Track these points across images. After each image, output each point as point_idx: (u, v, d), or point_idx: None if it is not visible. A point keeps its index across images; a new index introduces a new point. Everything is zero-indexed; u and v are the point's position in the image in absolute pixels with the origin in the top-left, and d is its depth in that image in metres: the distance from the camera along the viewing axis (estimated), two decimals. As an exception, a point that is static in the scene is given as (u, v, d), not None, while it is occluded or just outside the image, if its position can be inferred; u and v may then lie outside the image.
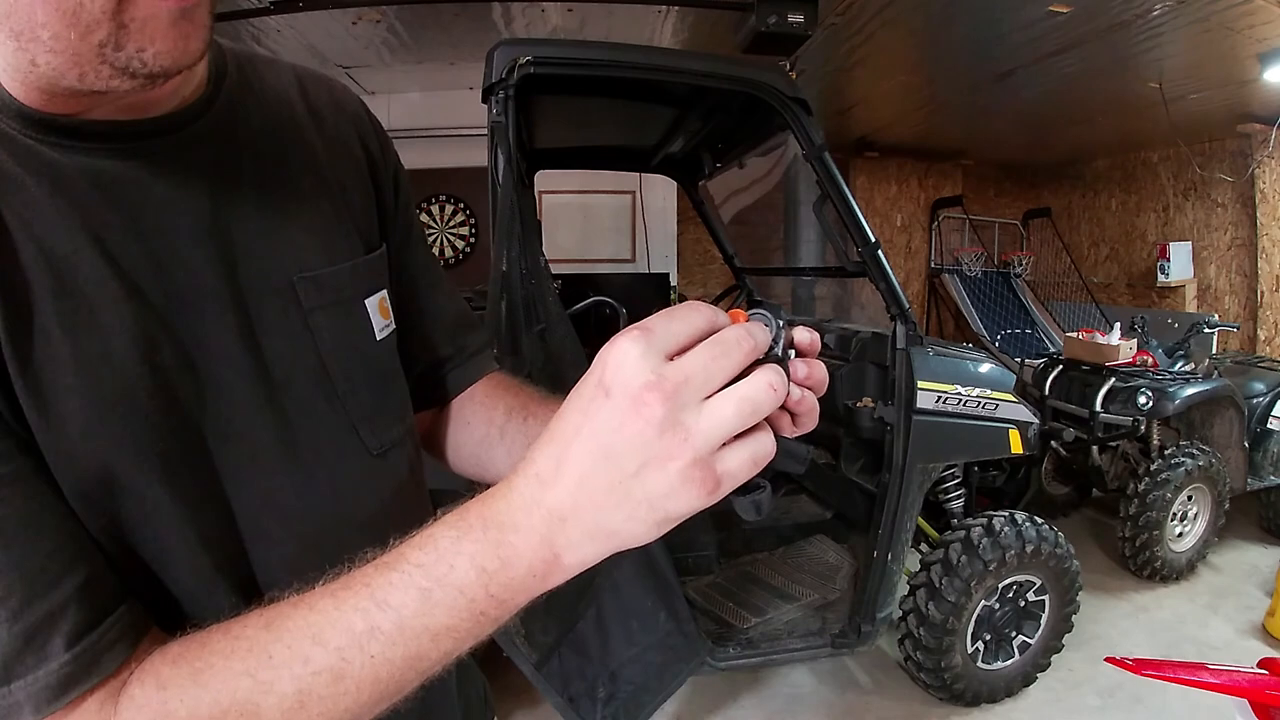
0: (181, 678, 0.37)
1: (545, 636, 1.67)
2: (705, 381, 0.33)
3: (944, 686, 2.19)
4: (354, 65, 4.10)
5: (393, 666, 0.36)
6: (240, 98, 0.52)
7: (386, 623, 0.36)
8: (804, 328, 0.39)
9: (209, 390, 0.46)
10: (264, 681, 0.36)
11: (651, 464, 0.33)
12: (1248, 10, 2.98)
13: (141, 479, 0.42)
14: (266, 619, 0.38)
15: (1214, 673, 1.21)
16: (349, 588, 0.37)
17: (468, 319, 0.72)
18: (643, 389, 0.32)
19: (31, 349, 0.39)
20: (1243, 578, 3.08)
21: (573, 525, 0.35)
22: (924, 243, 6.83)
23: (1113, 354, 3.24)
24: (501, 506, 0.36)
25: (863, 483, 2.32)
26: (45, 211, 0.41)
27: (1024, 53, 3.64)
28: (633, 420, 0.33)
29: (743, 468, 0.34)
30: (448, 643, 0.37)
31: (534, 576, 0.36)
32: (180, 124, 0.47)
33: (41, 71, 0.38)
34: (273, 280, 0.50)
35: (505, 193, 1.63)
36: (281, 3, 2.97)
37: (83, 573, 0.38)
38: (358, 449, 0.55)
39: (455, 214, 5.09)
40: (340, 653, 0.36)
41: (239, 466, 0.47)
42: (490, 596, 0.36)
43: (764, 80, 1.80)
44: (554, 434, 0.36)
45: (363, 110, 0.62)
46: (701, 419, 0.33)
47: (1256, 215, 4.89)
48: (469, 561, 0.36)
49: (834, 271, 2.56)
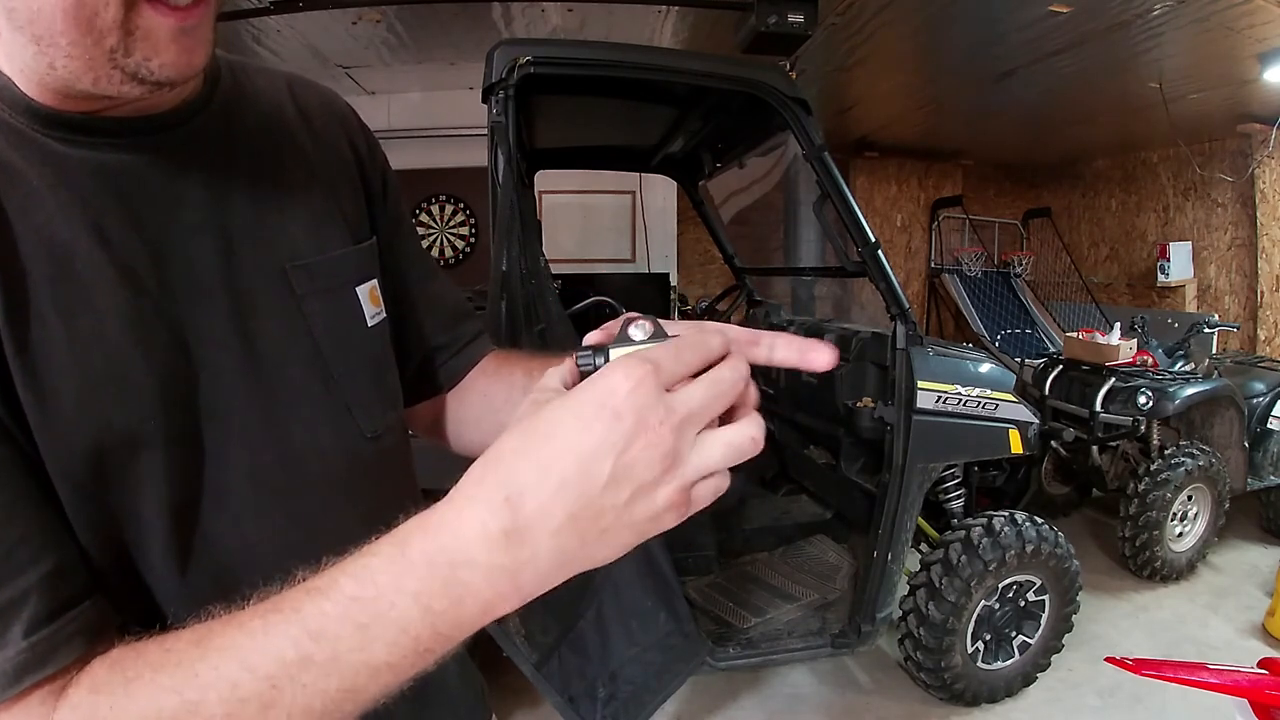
0: (114, 684, 0.37)
1: (545, 636, 1.67)
2: (704, 418, 0.35)
3: (944, 686, 2.19)
4: (354, 65, 4.10)
5: (327, 698, 0.35)
6: (234, 98, 0.54)
7: (320, 654, 0.34)
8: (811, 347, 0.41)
9: (203, 373, 0.48)
10: (190, 701, 0.34)
11: (644, 490, 0.33)
12: (1248, 10, 2.98)
13: (129, 457, 0.44)
14: (197, 635, 0.37)
15: (1214, 673, 1.21)
16: (279, 611, 0.35)
17: (463, 308, 0.73)
18: (659, 420, 0.33)
19: (28, 332, 0.41)
20: (1243, 578, 3.08)
21: (546, 555, 0.33)
22: (924, 243, 6.83)
23: (1113, 354, 3.24)
24: (450, 539, 0.34)
25: (863, 483, 2.32)
26: (46, 202, 0.43)
27: (1024, 53, 3.64)
28: (644, 448, 0.33)
29: (709, 497, 0.36)
30: (387, 676, 0.35)
31: (487, 611, 0.35)
32: (178, 121, 0.49)
33: (59, 75, 0.40)
34: (266, 268, 0.52)
35: (505, 193, 1.63)
36: (281, 3, 2.97)
37: (49, 563, 0.39)
38: (352, 432, 0.56)
39: (455, 214, 5.09)
40: (270, 680, 0.34)
41: (229, 446, 0.48)
42: (437, 634, 0.34)
43: (764, 80, 1.80)
44: (528, 451, 0.34)
45: (350, 112, 0.65)
46: (695, 454, 0.34)
47: (1256, 215, 4.89)
48: (412, 600, 0.34)
49: (834, 271, 2.57)
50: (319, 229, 0.56)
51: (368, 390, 0.57)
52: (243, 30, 3.32)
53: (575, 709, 1.68)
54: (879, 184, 6.63)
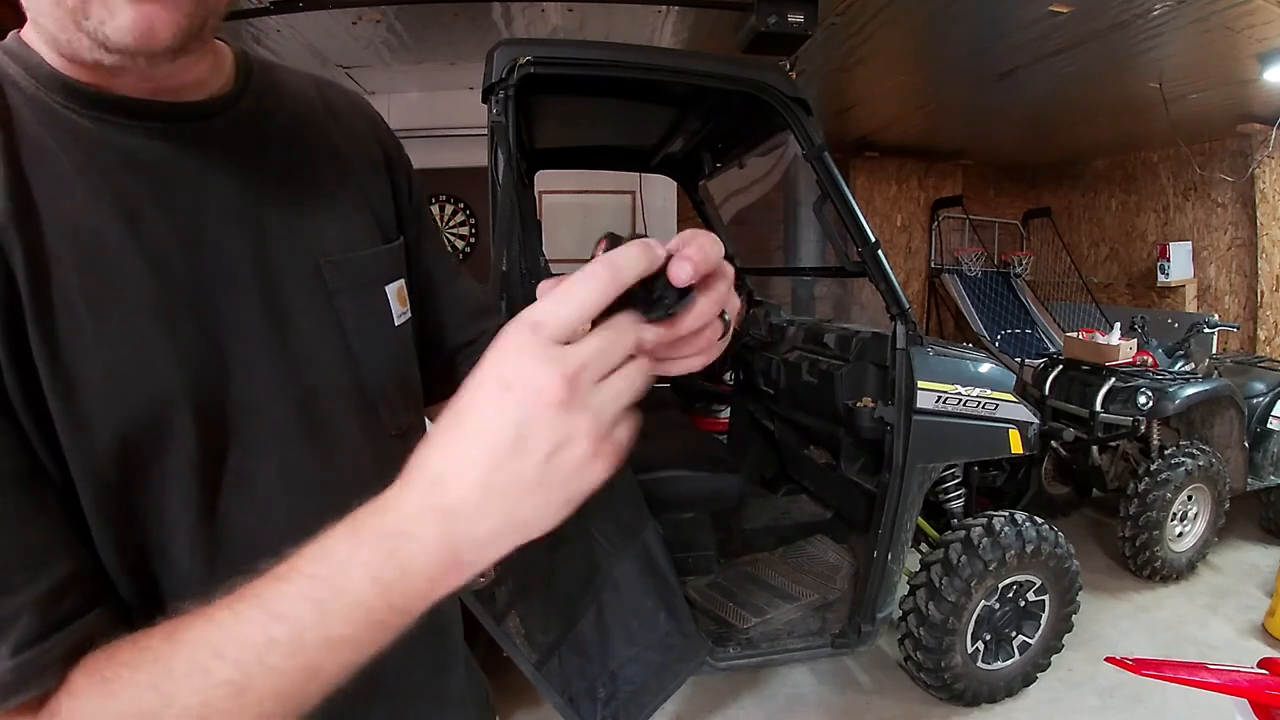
0: (92, 687, 0.37)
1: (545, 636, 1.68)
2: (601, 367, 0.35)
3: (944, 686, 2.19)
4: (354, 65, 4.09)
5: (293, 678, 0.36)
6: (265, 94, 0.55)
7: (283, 634, 0.35)
8: (683, 259, 0.36)
9: (233, 364, 0.47)
10: (166, 693, 0.35)
11: (562, 447, 0.34)
12: (1248, 10, 2.98)
13: (157, 450, 0.43)
14: (170, 630, 0.37)
15: (1214, 673, 1.21)
16: (244, 600, 0.36)
17: (486, 305, 0.74)
18: (547, 379, 0.33)
19: (54, 319, 0.40)
20: (1243, 578, 3.08)
21: (477, 524, 0.35)
22: (924, 243, 6.83)
23: (1113, 354, 3.24)
24: (394, 517, 0.36)
25: (863, 483, 2.32)
26: (76, 186, 0.43)
27: (1024, 53, 3.63)
28: (540, 408, 0.33)
29: (626, 438, 0.36)
30: (347, 653, 0.37)
31: (434, 582, 0.36)
32: (212, 112, 0.50)
33: (45, 33, 0.41)
34: (300, 261, 0.52)
35: (505, 193, 1.63)
36: (281, 3, 2.97)
37: (47, 581, 0.38)
38: (378, 429, 0.56)
39: (455, 214, 5.09)
40: (239, 665, 0.35)
41: (261, 439, 0.48)
42: (390, 606, 0.36)
43: (764, 80, 1.80)
44: (449, 435, 0.35)
45: (376, 114, 0.66)
46: (599, 400, 0.35)
47: (1256, 215, 4.89)
48: (364, 572, 0.35)
49: (834, 271, 2.57)
50: (350, 226, 0.56)
51: (393, 388, 0.58)
52: (243, 30, 3.31)
53: (575, 709, 1.68)
54: (879, 184, 6.63)
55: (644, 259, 0.35)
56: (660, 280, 0.36)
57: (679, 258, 0.36)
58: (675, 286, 0.36)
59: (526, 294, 1.65)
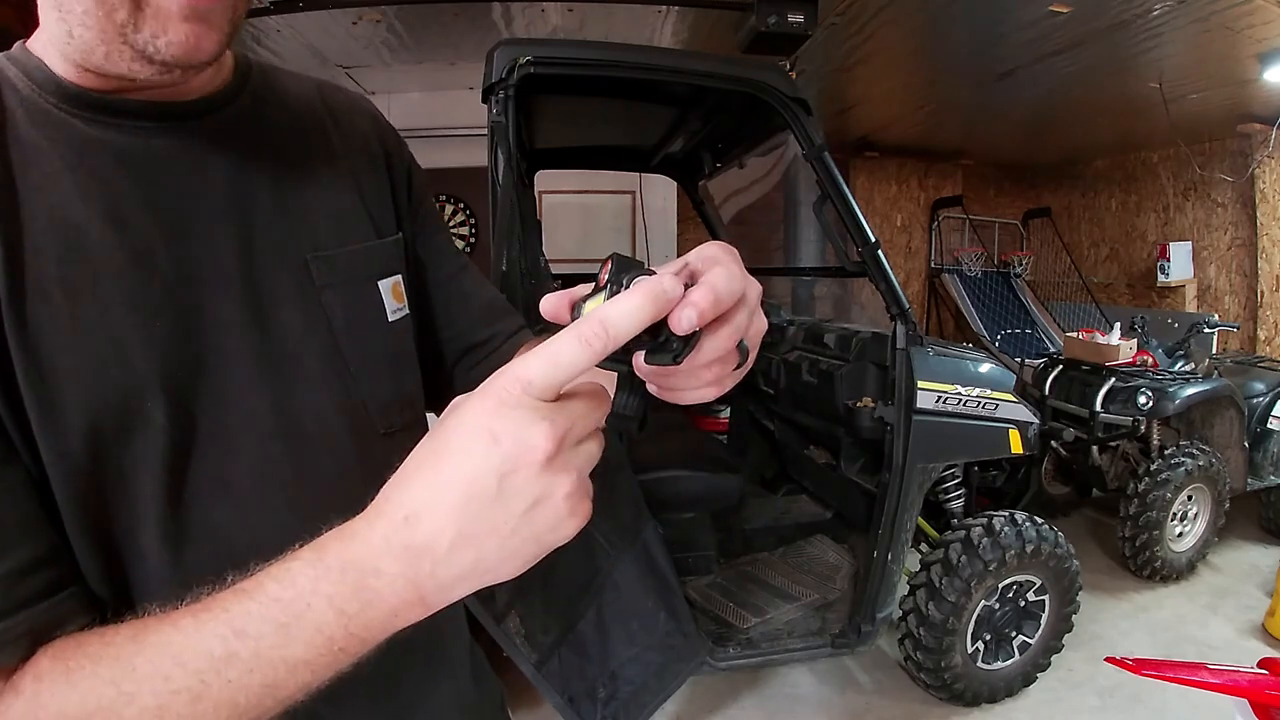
0: (56, 674, 0.38)
1: (545, 636, 1.68)
2: (583, 429, 0.36)
3: (944, 686, 2.19)
4: (354, 65, 4.10)
5: (250, 693, 0.37)
6: (263, 93, 0.56)
7: (244, 651, 0.36)
8: (689, 305, 0.33)
9: (210, 357, 0.48)
10: (126, 692, 0.36)
11: (541, 502, 0.35)
12: (1248, 10, 2.98)
13: (127, 439, 0.44)
14: (134, 630, 0.38)
15: (1214, 673, 1.21)
16: (209, 610, 0.37)
17: (500, 304, 0.73)
18: (539, 437, 0.34)
19: (30, 310, 0.41)
20: (1243, 578, 3.08)
21: (444, 566, 0.35)
22: (924, 243, 6.83)
23: (1113, 354, 3.24)
24: (362, 549, 0.36)
25: (863, 483, 2.32)
26: (63, 182, 0.44)
27: (1024, 53, 3.63)
28: (528, 464, 0.34)
29: (589, 493, 0.37)
30: (305, 674, 0.37)
31: (396, 616, 0.37)
32: (206, 110, 0.50)
33: (76, 44, 0.42)
34: (287, 258, 0.52)
35: (505, 193, 1.63)
36: (281, 3, 2.97)
37: (12, 561, 0.39)
38: (366, 427, 0.56)
39: (455, 214, 5.08)
40: (199, 675, 0.36)
41: (233, 433, 0.48)
42: (350, 635, 0.36)
43: (764, 80, 1.80)
44: (426, 474, 0.36)
45: (378, 112, 0.67)
46: (579, 459, 0.36)
47: (1256, 215, 4.89)
48: (327, 603, 0.36)
49: (834, 271, 2.57)
50: (342, 222, 0.57)
51: (384, 385, 0.57)
52: (243, 30, 3.31)
53: (575, 709, 1.68)
54: (879, 184, 6.62)
55: (645, 313, 0.33)
56: (666, 323, 0.34)
57: (684, 304, 0.33)
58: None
59: (526, 294, 1.65)
